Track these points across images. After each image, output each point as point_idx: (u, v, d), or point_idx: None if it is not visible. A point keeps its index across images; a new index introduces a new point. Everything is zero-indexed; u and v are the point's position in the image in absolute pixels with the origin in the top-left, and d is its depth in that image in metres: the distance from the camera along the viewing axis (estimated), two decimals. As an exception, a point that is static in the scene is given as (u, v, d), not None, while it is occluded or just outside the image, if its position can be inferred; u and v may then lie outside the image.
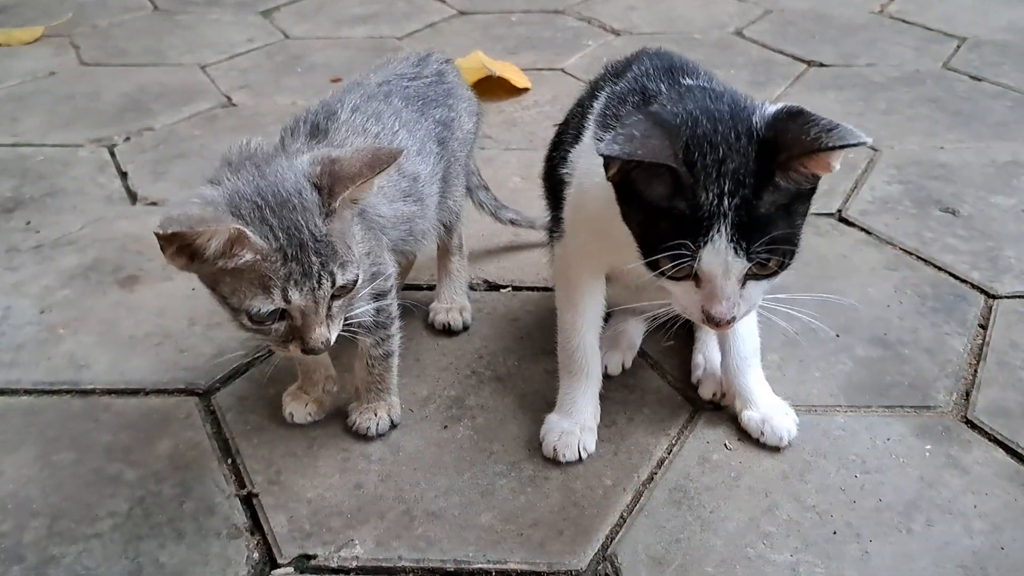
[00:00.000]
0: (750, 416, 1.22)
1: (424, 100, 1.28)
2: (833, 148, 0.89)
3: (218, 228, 0.89)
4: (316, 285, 0.95)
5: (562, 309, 1.24)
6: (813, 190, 0.97)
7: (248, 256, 0.92)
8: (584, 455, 1.18)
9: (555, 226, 1.26)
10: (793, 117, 0.93)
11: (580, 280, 1.21)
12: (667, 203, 0.93)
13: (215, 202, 0.93)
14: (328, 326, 0.99)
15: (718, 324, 0.98)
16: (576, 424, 1.19)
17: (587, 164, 1.11)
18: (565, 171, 1.19)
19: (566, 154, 1.19)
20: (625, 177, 0.95)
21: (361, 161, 0.99)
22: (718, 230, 0.91)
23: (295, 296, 0.95)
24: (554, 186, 1.25)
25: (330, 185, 0.98)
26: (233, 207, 0.93)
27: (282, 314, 0.97)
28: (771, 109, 0.96)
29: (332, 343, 1.00)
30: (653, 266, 0.97)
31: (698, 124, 0.94)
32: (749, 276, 0.97)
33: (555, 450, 1.18)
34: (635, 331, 1.39)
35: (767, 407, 1.22)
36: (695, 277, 0.96)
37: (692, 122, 0.94)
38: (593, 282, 1.21)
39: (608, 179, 0.96)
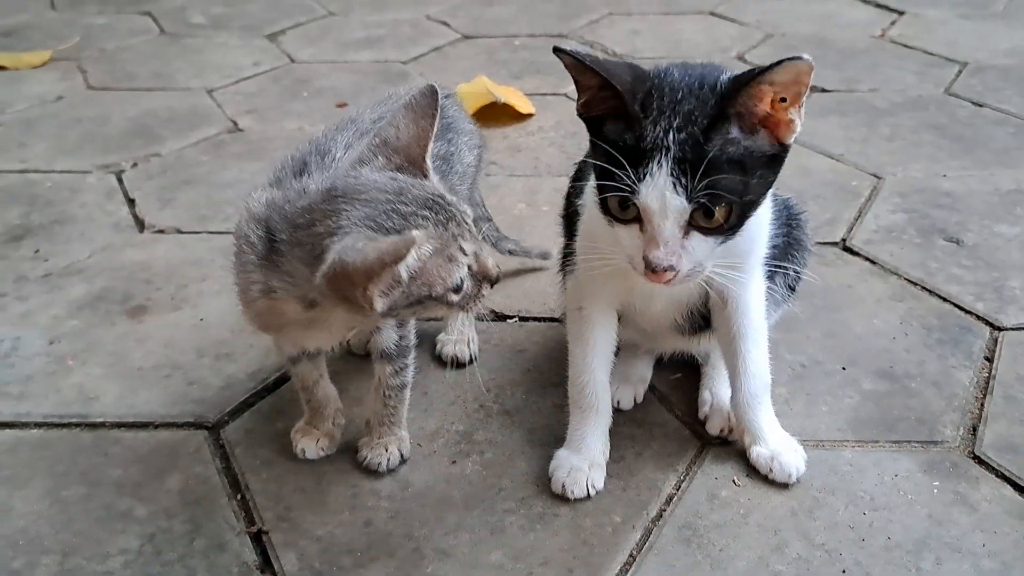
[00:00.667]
0: (759, 452, 1.22)
1: None
2: (763, 72, 0.91)
3: (413, 239, 0.89)
4: (469, 225, 0.98)
5: (572, 342, 1.24)
6: (777, 159, 0.97)
7: (427, 248, 0.93)
8: (592, 492, 1.18)
9: (567, 258, 1.27)
10: (749, 71, 0.95)
11: (591, 314, 1.21)
12: (620, 139, 0.94)
13: (369, 237, 0.91)
14: None
15: (655, 271, 0.96)
16: (585, 460, 1.20)
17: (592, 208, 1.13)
18: (580, 203, 1.20)
19: (583, 188, 1.20)
20: (592, 116, 0.98)
21: (411, 119, 1.00)
22: (658, 162, 0.92)
23: (468, 246, 0.97)
24: (571, 219, 1.26)
25: (406, 157, 0.99)
26: (378, 229, 0.92)
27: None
28: None
29: None
30: (604, 208, 0.98)
31: (669, 75, 0.97)
32: (694, 227, 0.95)
33: (564, 487, 1.18)
34: (645, 364, 1.39)
35: (776, 443, 1.22)
36: (640, 220, 0.96)
37: (664, 74, 0.98)
38: (604, 317, 1.21)
39: (577, 113, 0.99)
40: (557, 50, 0.96)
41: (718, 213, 0.94)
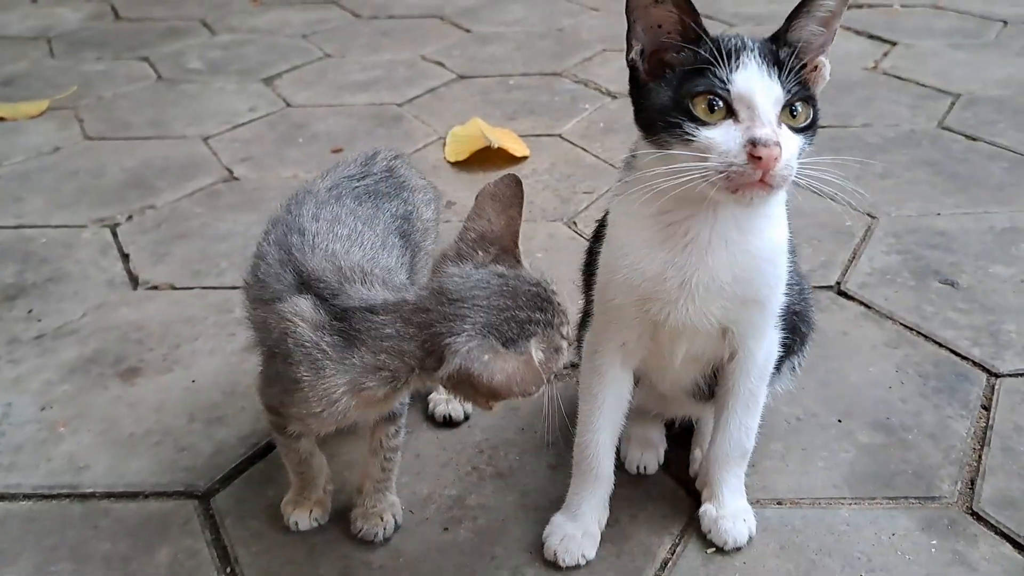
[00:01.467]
0: (706, 510, 1.21)
1: (377, 195, 1.27)
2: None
3: (543, 382, 0.92)
4: (563, 308, 1.00)
5: (582, 398, 1.21)
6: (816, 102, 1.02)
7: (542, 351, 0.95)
8: (583, 561, 1.17)
9: (588, 316, 1.23)
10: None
11: (606, 369, 1.16)
12: (695, 59, 0.97)
13: (493, 349, 0.93)
14: None
15: (765, 146, 0.93)
16: (579, 528, 1.18)
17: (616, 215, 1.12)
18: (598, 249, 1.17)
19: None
20: (654, 54, 1.00)
21: (498, 209, 1.02)
22: (748, 55, 0.96)
23: (566, 331, 0.99)
24: (591, 273, 1.21)
25: (501, 248, 1.01)
26: (500, 338, 0.94)
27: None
28: None
29: None
30: (688, 115, 0.96)
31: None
32: (782, 120, 0.97)
33: (556, 554, 1.17)
34: (658, 428, 1.38)
35: (727, 509, 1.20)
36: (730, 112, 0.96)
37: None
38: (619, 375, 1.17)
39: (630, 61, 1.00)
40: None
41: (801, 110, 0.98)
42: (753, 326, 1.12)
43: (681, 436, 1.39)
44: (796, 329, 1.25)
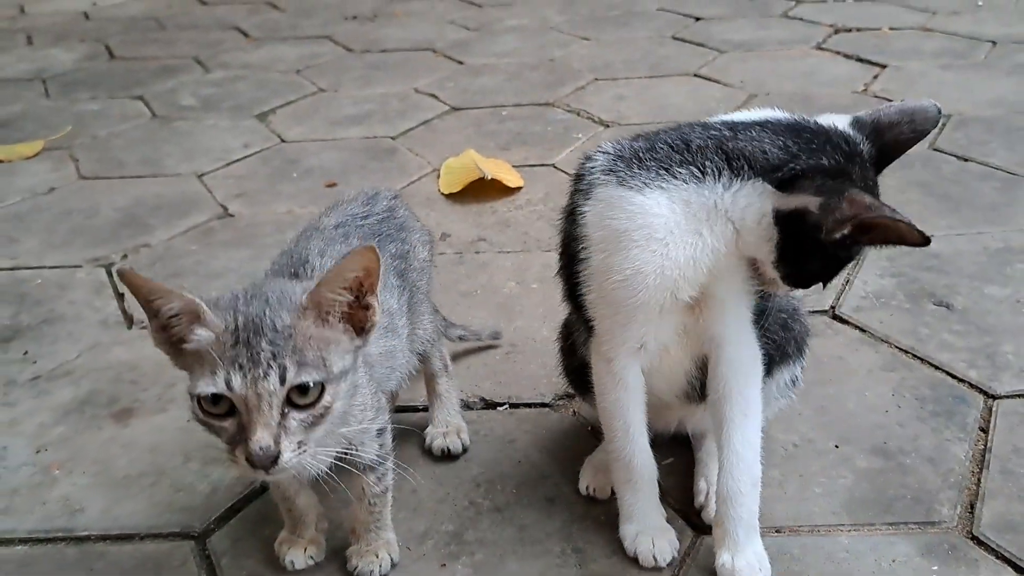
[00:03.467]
0: (724, 562, 1.16)
1: (379, 236, 1.29)
2: None
3: (174, 292, 0.95)
4: (261, 375, 0.92)
5: (610, 416, 1.20)
6: None
7: (202, 333, 0.94)
8: (677, 555, 1.21)
9: (586, 330, 1.20)
10: None
11: (626, 374, 1.16)
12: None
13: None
14: (280, 437, 0.93)
15: None
16: (655, 528, 1.22)
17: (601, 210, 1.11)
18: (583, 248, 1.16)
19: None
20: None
21: (335, 265, 1.00)
22: None
23: (236, 381, 0.91)
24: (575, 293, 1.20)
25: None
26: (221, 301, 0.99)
27: (231, 410, 0.94)
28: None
29: (283, 462, 0.92)
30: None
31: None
32: None
33: (654, 557, 1.20)
34: None
35: (746, 560, 1.15)
36: None
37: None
38: (638, 378, 1.17)
39: (837, 237, 1.04)
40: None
41: None
42: (730, 316, 1.14)
43: (678, 468, 1.38)
44: (786, 326, 1.26)
